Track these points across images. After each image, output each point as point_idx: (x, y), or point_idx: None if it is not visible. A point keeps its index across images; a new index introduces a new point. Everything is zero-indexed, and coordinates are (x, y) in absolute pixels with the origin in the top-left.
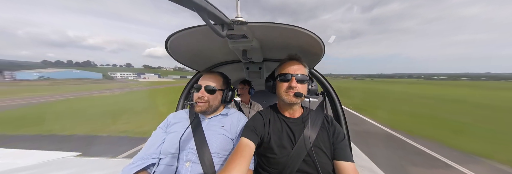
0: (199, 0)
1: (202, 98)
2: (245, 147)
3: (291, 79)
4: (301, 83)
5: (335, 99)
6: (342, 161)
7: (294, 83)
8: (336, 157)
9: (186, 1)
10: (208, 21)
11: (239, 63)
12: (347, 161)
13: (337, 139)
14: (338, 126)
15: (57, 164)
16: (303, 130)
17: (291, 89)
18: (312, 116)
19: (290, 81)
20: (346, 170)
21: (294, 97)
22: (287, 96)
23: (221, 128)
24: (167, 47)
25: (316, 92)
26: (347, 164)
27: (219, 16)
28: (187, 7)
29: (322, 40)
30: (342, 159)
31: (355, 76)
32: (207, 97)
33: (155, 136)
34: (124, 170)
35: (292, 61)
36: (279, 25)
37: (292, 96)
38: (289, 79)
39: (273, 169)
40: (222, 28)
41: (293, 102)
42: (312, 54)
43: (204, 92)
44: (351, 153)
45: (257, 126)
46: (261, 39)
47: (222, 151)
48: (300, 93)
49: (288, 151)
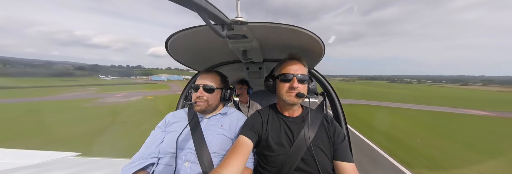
0: (199, 0)
1: (201, 98)
2: (243, 144)
3: (292, 80)
4: (302, 83)
5: (335, 99)
6: (342, 162)
7: (295, 83)
8: (336, 158)
9: (186, 1)
10: (208, 21)
11: (239, 63)
12: (347, 162)
13: (338, 140)
14: (338, 126)
15: (58, 164)
16: (301, 129)
17: (293, 89)
18: (311, 115)
19: (292, 82)
20: (346, 171)
21: (296, 98)
22: (288, 97)
23: (220, 127)
24: (168, 47)
25: (315, 92)
26: (348, 165)
27: (219, 16)
28: (187, 7)
29: (322, 40)
30: (342, 159)
31: (344, 78)
32: (206, 96)
33: (154, 136)
34: (123, 170)
35: (293, 61)
36: (279, 25)
37: (294, 96)
38: (290, 79)
39: (271, 167)
40: (222, 28)
41: (294, 102)
42: (312, 54)
43: (202, 92)
44: (352, 154)
45: (255, 124)
46: (261, 39)
47: (221, 151)
48: (302, 93)
49: (286, 149)
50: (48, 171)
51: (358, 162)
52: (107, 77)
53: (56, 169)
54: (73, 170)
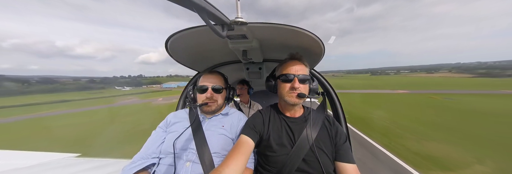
0: (199, 1)
1: (212, 98)
2: (244, 144)
3: (293, 80)
4: (303, 83)
5: (335, 99)
6: (344, 163)
7: (297, 84)
8: (338, 159)
9: (186, 1)
10: (208, 21)
11: (239, 64)
12: (349, 163)
13: (340, 141)
14: (340, 127)
15: (58, 165)
16: (303, 130)
17: (294, 90)
18: (313, 116)
19: (293, 82)
20: (348, 172)
21: (297, 98)
22: (290, 97)
23: (221, 128)
24: (167, 48)
25: (317, 92)
26: (349, 166)
27: (219, 17)
28: (187, 8)
29: (321, 40)
30: (344, 160)
31: (334, 73)
32: (215, 97)
33: (155, 136)
34: (124, 170)
35: (294, 61)
36: (279, 25)
37: (295, 97)
38: (292, 80)
39: (272, 167)
40: (222, 29)
41: (296, 103)
42: (312, 54)
43: (212, 92)
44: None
45: (256, 124)
46: (261, 40)
47: (222, 151)
48: (303, 93)
49: (287, 149)
50: (49, 171)
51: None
52: (123, 88)
53: (57, 169)
54: (73, 171)
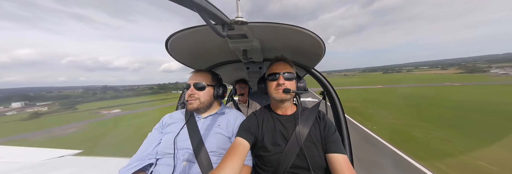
0: (200, 0)
1: (193, 96)
2: (239, 145)
3: (278, 77)
4: (289, 80)
5: (335, 98)
6: (334, 154)
7: (281, 80)
8: (328, 150)
9: (186, 1)
10: (209, 21)
11: (240, 63)
12: (338, 153)
13: (328, 133)
14: (329, 121)
15: (57, 163)
16: (295, 127)
17: (280, 86)
18: (304, 113)
19: (278, 79)
20: (338, 162)
21: (283, 93)
22: (276, 93)
23: (217, 127)
24: (168, 47)
25: (305, 88)
26: (339, 156)
27: (220, 16)
28: (188, 7)
29: (322, 40)
30: (333, 151)
31: (346, 72)
32: (197, 94)
33: (151, 138)
34: (121, 172)
35: (279, 62)
36: (279, 25)
37: (281, 92)
38: (277, 77)
39: (269, 167)
40: (223, 28)
41: (283, 98)
42: (313, 54)
43: (193, 90)
44: (345, 147)
45: (251, 126)
46: (261, 39)
47: (219, 149)
48: (288, 88)
49: (281, 147)
50: (49, 169)
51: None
52: (177, 91)
53: (56, 167)
54: (73, 169)
